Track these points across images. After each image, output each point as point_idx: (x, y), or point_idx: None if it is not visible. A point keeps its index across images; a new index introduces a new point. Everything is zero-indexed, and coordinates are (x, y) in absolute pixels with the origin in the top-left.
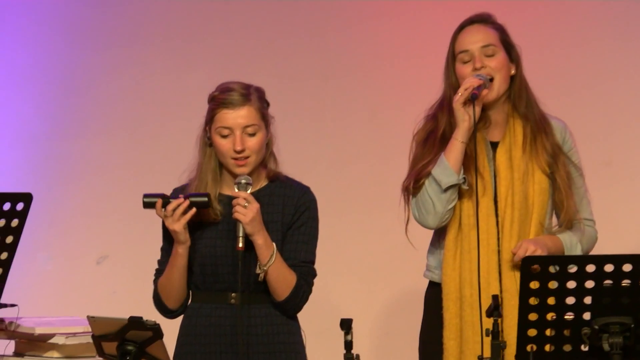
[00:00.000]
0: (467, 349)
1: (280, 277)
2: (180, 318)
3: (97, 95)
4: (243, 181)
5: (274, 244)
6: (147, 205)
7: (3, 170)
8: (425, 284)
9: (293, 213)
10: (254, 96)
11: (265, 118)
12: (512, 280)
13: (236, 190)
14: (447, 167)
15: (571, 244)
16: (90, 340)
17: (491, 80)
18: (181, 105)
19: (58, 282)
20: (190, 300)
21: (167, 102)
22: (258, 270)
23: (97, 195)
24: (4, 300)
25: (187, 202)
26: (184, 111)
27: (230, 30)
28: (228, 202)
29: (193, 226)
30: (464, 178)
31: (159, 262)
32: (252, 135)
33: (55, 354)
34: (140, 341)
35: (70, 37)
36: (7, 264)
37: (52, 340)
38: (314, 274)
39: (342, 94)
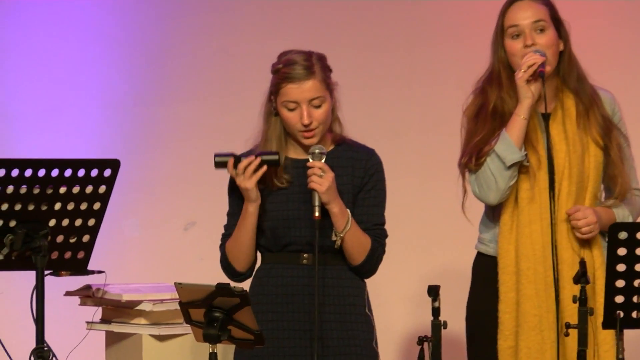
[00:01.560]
0: (524, 322)
1: (356, 243)
2: (249, 280)
3: (185, 60)
4: (317, 151)
5: (349, 211)
6: (219, 164)
7: (91, 136)
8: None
9: (362, 176)
10: (317, 67)
11: (329, 87)
12: (569, 253)
13: (310, 160)
14: (510, 144)
15: (623, 217)
16: (178, 307)
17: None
18: (269, 71)
19: (145, 249)
20: (260, 262)
21: (256, 67)
22: (334, 238)
23: (185, 161)
24: (91, 267)
25: (258, 160)
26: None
27: None
28: (294, 165)
29: (262, 192)
30: (526, 154)
31: (226, 227)
32: (318, 107)
33: (142, 321)
34: (227, 308)
35: (159, 2)
36: (94, 231)
37: (139, 307)
38: (386, 235)
39: (428, 61)
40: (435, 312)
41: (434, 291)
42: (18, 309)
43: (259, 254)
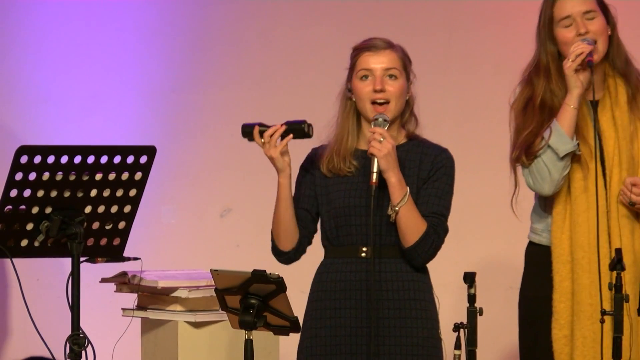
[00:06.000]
0: (580, 311)
1: (411, 221)
2: (309, 274)
3: (223, 47)
4: (380, 119)
5: (408, 187)
6: (245, 134)
7: (128, 122)
8: None
9: (430, 169)
10: (398, 47)
11: (406, 69)
12: (622, 239)
13: (372, 126)
14: (563, 135)
15: None
16: (213, 294)
17: (594, 43)
18: (309, 57)
19: (181, 235)
20: (323, 257)
21: (294, 54)
22: (389, 211)
23: (221, 148)
24: (127, 254)
25: (283, 128)
26: (312, 63)
27: None
28: (364, 156)
29: (328, 181)
30: (577, 144)
31: None
32: (393, 78)
33: (178, 308)
34: (263, 295)
35: None
36: (130, 217)
37: (175, 294)
38: (444, 228)
39: (466, 47)
40: (471, 298)
41: (470, 278)
42: (54, 296)
43: (322, 250)
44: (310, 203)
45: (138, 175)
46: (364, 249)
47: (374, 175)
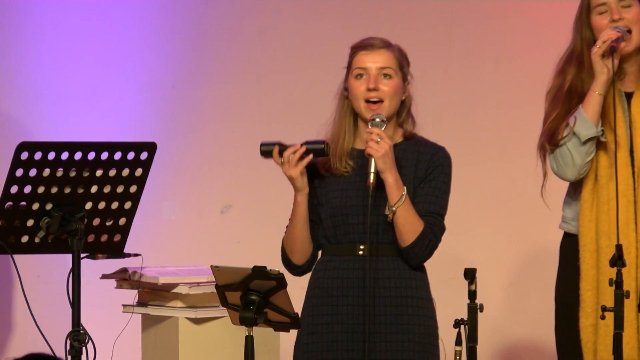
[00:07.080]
0: (603, 300)
1: (408, 221)
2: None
3: (223, 43)
4: (377, 119)
5: (405, 187)
6: (264, 153)
7: (129, 119)
8: (554, 234)
9: (426, 168)
10: (395, 47)
11: (402, 69)
12: None
13: (369, 127)
14: (585, 120)
15: None
16: (214, 290)
17: (629, 32)
18: (309, 52)
19: (182, 232)
20: (320, 255)
21: (295, 49)
22: (387, 212)
23: (222, 144)
24: (128, 250)
25: (303, 148)
26: (312, 59)
27: None
28: (360, 155)
29: (325, 180)
30: (602, 130)
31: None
32: (388, 77)
33: (179, 304)
34: (263, 291)
35: None
36: (131, 214)
37: (175, 290)
38: (441, 227)
39: (466, 42)
40: (472, 294)
41: (470, 274)
42: (54, 292)
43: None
44: (315, 212)
45: (138, 172)
46: (362, 247)
47: (372, 176)
